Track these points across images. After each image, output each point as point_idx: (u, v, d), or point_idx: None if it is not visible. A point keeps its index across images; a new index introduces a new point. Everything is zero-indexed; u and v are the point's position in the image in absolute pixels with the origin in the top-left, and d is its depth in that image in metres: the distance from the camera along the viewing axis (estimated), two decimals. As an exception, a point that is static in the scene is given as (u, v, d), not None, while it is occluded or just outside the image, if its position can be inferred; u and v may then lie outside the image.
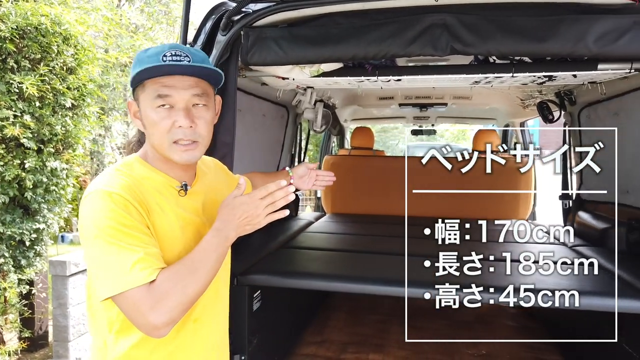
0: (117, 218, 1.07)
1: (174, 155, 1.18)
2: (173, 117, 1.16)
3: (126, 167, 1.20)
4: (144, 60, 1.16)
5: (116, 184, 1.12)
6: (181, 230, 1.20)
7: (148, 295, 1.04)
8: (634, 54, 1.78)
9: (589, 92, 2.94)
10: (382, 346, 3.08)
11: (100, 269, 1.07)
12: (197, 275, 1.08)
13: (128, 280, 1.03)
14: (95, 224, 1.07)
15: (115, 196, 1.09)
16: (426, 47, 1.89)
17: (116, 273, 1.04)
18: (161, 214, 1.17)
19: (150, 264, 1.06)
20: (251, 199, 1.12)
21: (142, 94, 1.17)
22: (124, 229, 1.06)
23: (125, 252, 1.05)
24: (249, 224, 1.13)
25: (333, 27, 1.98)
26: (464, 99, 4.46)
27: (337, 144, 5.77)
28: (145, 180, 1.18)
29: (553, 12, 1.82)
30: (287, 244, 2.99)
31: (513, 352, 2.97)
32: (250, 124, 2.98)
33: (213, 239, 1.12)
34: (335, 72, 2.49)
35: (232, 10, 2.01)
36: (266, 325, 2.48)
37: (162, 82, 1.15)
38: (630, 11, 1.76)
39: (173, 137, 1.17)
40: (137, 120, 1.22)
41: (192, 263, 1.09)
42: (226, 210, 1.13)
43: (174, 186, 1.22)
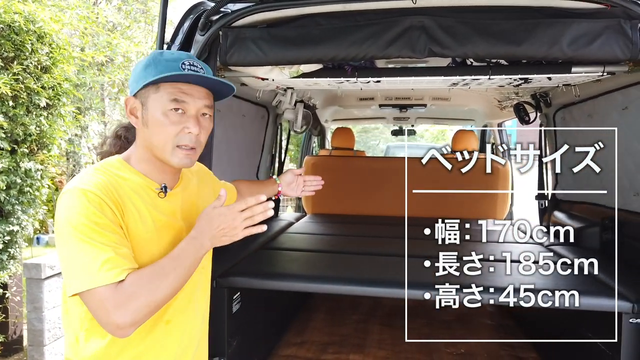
0: (91, 216, 1.08)
1: (174, 159, 1.21)
2: (184, 122, 1.20)
3: (106, 167, 1.21)
4: (162, 64, 1.19)
5: (92, 183, 1.13)
6: (157, 232, 1.21)
7: (114, 295, 1.05)
8: (606, 57, 1.83)
9: (563, 94, 3.00)
10: (362, 346, 3.09)
11: (70, 265, 1.09)
12: (166, 280, 1.10)
13: (96, 278, 1.05)
14: (69, 221, 1.08)
15: (90, 194, 1.10)
16: (405, 49, 1.91)
17: (85, 270, 1.06)
18: (137, 216, 1.18)
19: (120, 264, 1.07)
20: (230, 211, 1.15)
21: (153, 94, 1.19)
22: (96, 227, 1.08)
23: (95, 250, 1.06)
24: (226, 235, 1.15)
25: (313, 28, 1.98)
26: (443, 100, 4.51)
27: (318, 144, 5.77)
28: (123, 181, 1.20)
29: (529, 15, 1.85)
30: (267, 245, 2.97)
31: (491, 350, 3.02)
32: (230, 125, 2.96)
33: (187, 246, 1.14)
34: (315, 73, 2.49)
35: (210, 9, 2.00)
36: (246, 327, 2.47)
37: (180, 88, 1.19)
38: (603, 16, 1.80)
39: (179, 141, 1.20)
40: (134, 117, 1.23)
41: (163, 268, 1.11)
42: (204, 220, 1.16)
43: (154, 188, 1.24)
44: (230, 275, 2.28)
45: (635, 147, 2.38)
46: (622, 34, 1.77)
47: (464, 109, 4.93)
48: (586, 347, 2.18)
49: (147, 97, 1.20)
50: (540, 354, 2.91)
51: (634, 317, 1.90)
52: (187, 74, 1.19)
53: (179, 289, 1.13)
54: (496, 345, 3.10)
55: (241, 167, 3.27)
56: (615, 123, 2.54)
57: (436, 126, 17.73)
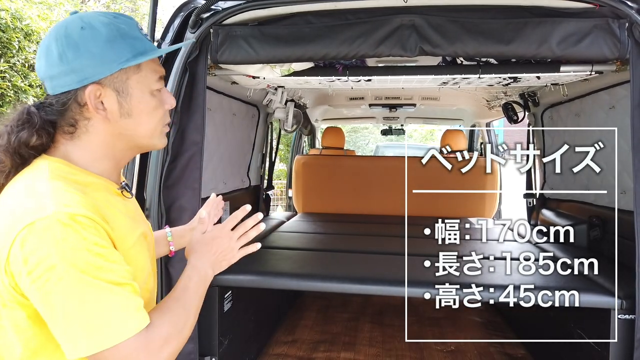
0: (93, 248, 0.84)
1: (162, 140, 1.06)
2: (165, 99, 1.05)
3: (61, 174, 0.92)
4: (129, 35, 0.97)
5: (76, 202, 0.86)
6: (140, 244, 1.01)
7: (147, 343, 0.85)
8: (594, 56, 1.85)
9: (551, 94, 3.04)
10: (352, 344, 3.10)
11: (74, 319, 0.82)
12: (190, 315, 0.96)
13: (123, 329, 0.83)
14: (62, 260, 0.81)
15: (82, 219, 0.85)
16: (395, 48, 1.92)
17: (103, 322, 0.82)
18: (119, 229, 0.94)
19: (140, 303, 0.87)
20: (222, 232, 1.07)
21: (135, 76, 0.97)
22: (102, 262, 0.84)
23: (110, 293, 0.83)
24: (224, 259, 1.07)
25: (304, 27, 1.98)
26: (432, 99, 4.54)
27: (308, 143, 5.78)
28: (89, 187, 0.94)
29: (518, 15, 1.87)
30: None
31: (480, 346, 3.04)
32: (221, 123, 2.95)
33: (199, 277, 1.02)
34: (306, 72, 2.50)
35: (201, 7, 1.99)
36: (237, 326, 2.46)
37: (157, 62, 1.03)
38: (591, 15, 1.83)
39: (166, 120, 1.06)
40: (102, 111, 0.96)
41: (185, 302, 0.96)
42: (199, 247, 1.06)
43: (115, 189, 1.03)
44: (221, 274, 2.25)
45: (622, 146, 2.41)
46: (611, 34, 1.79)
47: (453, 108, 4.97)
48: (576, 343, 2.21)
49: (126, 80, 0.97)
50: (529, 350, 2.94)
51: (623, 313, 1.92)
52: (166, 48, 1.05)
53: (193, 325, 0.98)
54: (486, 342, 3.12)
55: (232, 166, 3.26)
56: (602, 122, 2.57)
57: (425, 126, 17.84)
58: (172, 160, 1.97)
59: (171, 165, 1.97)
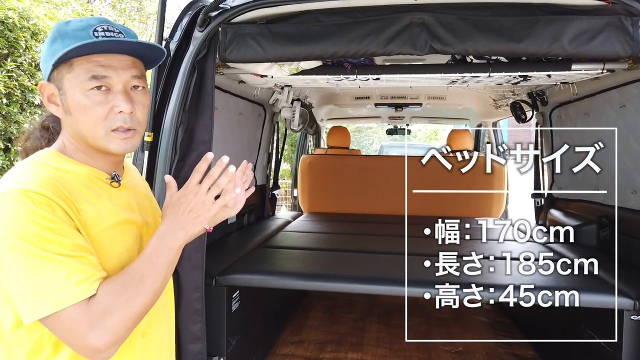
0: (40, 221, 0.89)
1: (112, 145, 1.03)
2: (111, 101, 1.01)
3: (40, 161, 1.01)
4: (69, 35, 0.99)
5: (33, 181, 0.93)
6: (119, 228, 1.04)
7: (87, 314, 0.89)
8: (607, 54, 1.83)
9: (560, 93, 3.01)
10: (360, 345, 3.09)
11: (22, 286, 0.89)
12: (144, 286, 0.94)
13: (61, 298, 0.88)
14: (12, 231, 0.88)
15: (34, 195, 0.91)
16: (405, 46, 1.90)
17: (45, 290, 0.88)
18: (93, 212, 1.00)
19: (87, 275, 0.90)
20: (187, 189, 1.02)
21: (67, 75, 1.00)
22: (49, 234, 0.89)
23: (54, 262, 0.88)
24: (199, 216, 1.01)
25: (313, 25, 1.97)
26: (438, 99, 4.53)
27: (313, 143, 5.77)
28: (67, 174, 1.01)
29: (530, 12, 1.85)
30: (265, 243, 2.96)
31: (489, 346, 3.02)
32: (227, 122, 2.95)
33: (159, 242, 0.99)
34: (314, 71, 2.48)
35: (209, 6, 1.98)
36: (245, 326, 2.46)
37: (97, 61, 1.00)
38: (603, 12, 1.80)
39: (111, 125, 1.02)
40: (54, 106, 1.04)
41: (137, 272, 0.95)
42: (168, 211, 1.03)
43: (103, 178, 1.07)
44: (229, 274, 2.26)
45: (633, 145, 2.39)
46: (623, 31, 1.77)
47: (459, 108, 4.95)
48: (586, 344, 2.19)
49: (62, 79, 1.01)
50: (538, 351, 2.92)
51: (635, 314, 1.90)
52: (99, 42, 0.98)
53: (159, 294, 0.98)
54: (494, 342, 3.11)
55: (238, 165, 3.24)
56: (612, 121, 2.55)
57: (429, 126, 17.80)
58: (181, 159, 1.96)
59: (179, 164, 1.96)
